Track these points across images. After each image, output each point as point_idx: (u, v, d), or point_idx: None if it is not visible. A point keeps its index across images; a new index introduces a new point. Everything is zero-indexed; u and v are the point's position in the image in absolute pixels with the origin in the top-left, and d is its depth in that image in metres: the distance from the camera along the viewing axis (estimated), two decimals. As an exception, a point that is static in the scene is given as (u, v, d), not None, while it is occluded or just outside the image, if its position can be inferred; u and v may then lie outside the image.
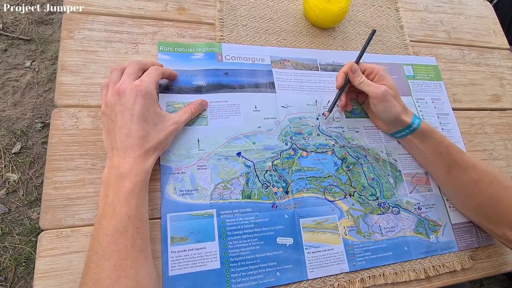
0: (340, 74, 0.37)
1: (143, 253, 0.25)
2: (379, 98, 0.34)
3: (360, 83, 0.35)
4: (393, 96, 0.34)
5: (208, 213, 0.30)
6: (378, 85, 0.34)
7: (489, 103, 0.47)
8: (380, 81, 0.35)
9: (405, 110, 0.35)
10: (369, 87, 0.34)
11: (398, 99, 0.35)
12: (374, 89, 0.34)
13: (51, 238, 0.27)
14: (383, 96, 0.33)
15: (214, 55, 0.37)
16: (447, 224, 0.37)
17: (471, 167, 0.33)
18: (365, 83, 0.34)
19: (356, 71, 0.35)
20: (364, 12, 0.46)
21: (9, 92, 0.84)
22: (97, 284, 0.22)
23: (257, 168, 0.33)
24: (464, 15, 0.52)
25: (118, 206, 0.24)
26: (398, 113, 0.34)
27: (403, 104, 0.35)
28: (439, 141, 0.34)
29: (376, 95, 0.34)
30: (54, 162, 0.29)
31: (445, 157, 0.34)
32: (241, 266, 0.29)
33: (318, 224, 0.32)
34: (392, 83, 0.35)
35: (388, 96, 0.33)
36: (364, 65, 0.36)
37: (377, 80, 0.35)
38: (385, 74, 0.35)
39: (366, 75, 0.36)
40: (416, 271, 0.34)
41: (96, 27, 0.34)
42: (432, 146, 0.35)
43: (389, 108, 0.34)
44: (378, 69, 0.35)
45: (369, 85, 0.34)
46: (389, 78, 0.35)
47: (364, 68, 0.36)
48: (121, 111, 0.27)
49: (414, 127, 0.34)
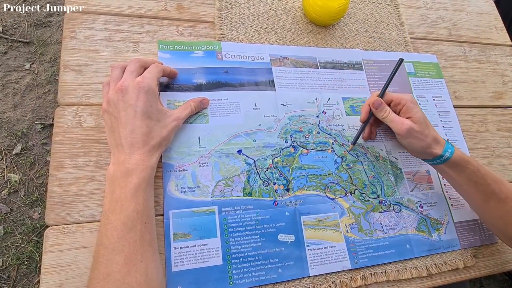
0: (364, 107, 0.35)
1: (151, 248, 0.25)
2: (402, 135, 0.32)
3: (384, 118, 0.33)
4: (420, 132, 0.32)
5: (209, 210, 0.30)
6: (402, 121, 0.32)
7: (491, 100, 0.47)
8: (407, 114, 0.33)
9: (436, 141, 0.32)
10: (393, 123, 0.33)
11: (426, 131, 0.32)
12: (398, 125, 0.32)
13: (57, 234, 0.27)
14: (407, 133, 0.32)
15: (213, 54, 0.37)
16: (449, 222, 0.37)
17: (510, 198, 0.31)
18: (389, 118, 0.33)
19: (379, 106, 0.33)
20: (364, 9, 0.46)
21: (9, 94, 0.85)
22: (108, 277, 0.22)
23: (258, 166, 0.33)
24: (465, 12, 0.52)
25: (126, 202, 0.24)
26: (425, 147, 0.32)
27: (434, 135, 0.33)
28: (475, 171, 0.32)
29: (399, 132, 0.32)
30: (58, 159, 0.29)
31: (481, 187, 0.32)
32: (243, 263, 0.29)
33: (319, 222, 0.32)
34: (420, 115, 0.33)
35: (412, 133, 0.32)
36: (391, 95, 0.34)
37: (403, 112, 0.33)
38: (413, 106, 0.33)
39: (393, 105, 0.34)
40: (418, 269, 0.33)
41: (97, 26, 0.34)
42: (467, 176, 0.32)
43: (415, 144, 0.32)
44: (406, 100, 0.33)
45: (392, 120, 0.33)
46: (417, 110, 0.33)
47: (391, 99, 0.34)
48: (124, 108, 0.27)
49: (445, 158, 0.32)
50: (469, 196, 0.34)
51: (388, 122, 0.33)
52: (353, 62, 0.42)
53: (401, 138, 0.33)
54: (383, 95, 0.35)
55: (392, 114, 0.33)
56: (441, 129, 0.42)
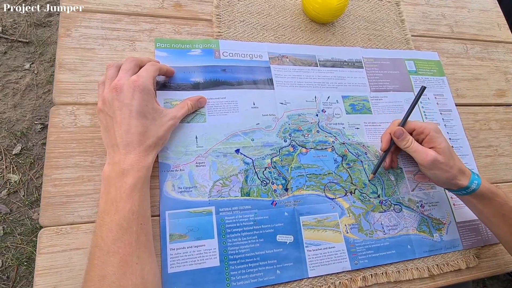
0: (385, 135, 0.34)
1: (148, 249, 0.25)
2: (426, 166, 0.31)
3: (406, 147, 0.32)
4: (445, 163, 0.30)
5: (207, 211, 0.30)
6: (426, 152, 0.31)
7: (494, 98, 0.46)
8: (431, 143, 0.31)
9: (461, 173, 0.31)
10: (416, 153, 0.31)
11: (451, 163, 0.31)
12: (422, 156, 0.31)
13: (51, 235, 0.26)
14: (431, 165, 0.30)
15: (211, 52, 0.36)
16: (451, 223, 0.36)
17: None
18: (411, 148, 0.31)
19: (400, 136, 0.32)
20: (364, 7, 0.46)
21: (9, 94, 0.85)
22: (103, 280, 0.22)
23: (256, 165, 0.32)
24: (467, 9, 0.51)
25: (122, 203, 0.24)
26: (450, 178, 0.31)
27: (459, 166, 0.31)
28: (503, 204, 0.31)
29: (423, 163, 0.31)
30: (53, 159, 0.29)
31: (510, 220, 0.31)
32: (240, 264, 0.29)
33: (319, 222, 0.32)
34: (444, 145, 0.31)
35: (437, 164, 0.30)
36: (413, 123, 0.33)
37: (427, 142, 0.32)
38: (437, 135, 0.31)
39: (415, 134, 0.33)
40: (420, 270, 0.33)
41: (93, 24, 0.34)
42: (495, 208, 0.31)
43: (440, 175, 0.31)
44: (430, 130, 0.32)
45: (415, 150, 0.31)
46: (441, 140, 0.31)
47: (413, 127, 0.33)
48: (119, 107, 0.26)
49: (471, 189, 0.31)
50: (496, 228, 0.33)
51: (410, 152, 0.32)
52: (353, 60, 0.41)
53: (425, 169, 0.32)
54: (404, 123, 0.33)
55: (415, 144, 0.32)
56: (443, 127, 0.41)
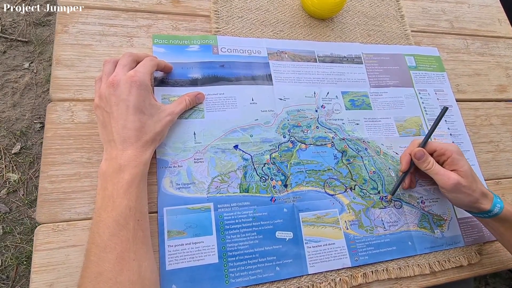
0: (405, 157, 0.33)
1: (145, 246, 0.24)
2: (448, 190, 0.30)
3: (427, 169, 0.31)
4: (467, 186, 0.30)
5: (205, 207, 0.29)
6: (448, 175, 0.30)
7: (495, 93, 0.46)
8: (453, 166, 0.31)
9: (484, 196, 0.30)
10: (438, 176, 0.30)
11: (474, 186, 0.30)
12: (444, 179, 0.30)
13: (48, 232, 0.26)
14: (453, 188, 0.30)
15: (209, 48, 0.36)
16: (452, 219, 0.36)
17: None
18: (433, 170, 0.30)
19: (421, 157, 0.31)
20: (363, 2, 0.45)
21: (8, 93, 0.85)
22: (100, 276, 0.22)
23: (255, 161, 0.32)
24: (467, 4, 0.51)
25: (118, 199, 0.24)
26: (473, 201, 0.30)
27: (481, 189, 0.30)
28: None
29: (445, 186, 0.30)
30: (50, 156, 0.28)
31: None
32: (239, 261, 0.28)
33: (318, 218, 0.32)
34: (466, 168, 0.30)
35: (459, 188, 0.29)
36: (434, 144, 0.32)
37: (449, 164, 0.31)
38: (459, 158, 0.30)
39: (436, 156, 0.32)
40: (421, 266, 0.33)
41: (91, 20, 0.34)
42: None
43: (462, 199, 0.30)
44: (451, 151, 0.31)
45: (437, 173, 0.30)
46: (463, 162, 0.30)
47: (434, 149, 0.32)
48: (116, 102, 0.26)
49: (494, 213, 0.30)
50: None
51: (432, 174, 0.31)
52: (353, 56, 0.41)
53: (446, 192, 0.31)
54: (425, 144, 0.32)
55: (437, 166, 0.31)
56: (444, 123, 0.41)
